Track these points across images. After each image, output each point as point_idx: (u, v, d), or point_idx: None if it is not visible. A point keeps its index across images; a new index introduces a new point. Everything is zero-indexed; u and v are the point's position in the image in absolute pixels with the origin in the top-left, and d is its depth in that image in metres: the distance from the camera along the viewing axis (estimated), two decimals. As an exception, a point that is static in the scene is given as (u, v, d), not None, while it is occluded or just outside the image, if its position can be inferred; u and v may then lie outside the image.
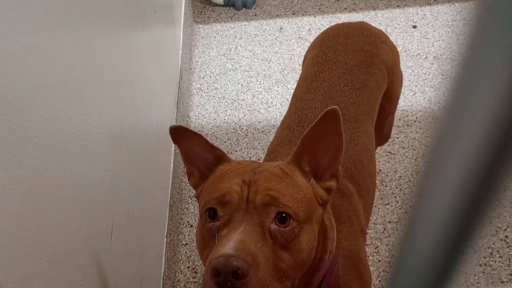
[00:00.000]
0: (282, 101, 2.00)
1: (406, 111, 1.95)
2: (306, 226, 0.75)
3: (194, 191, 0.88)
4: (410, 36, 2.24)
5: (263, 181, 0.75)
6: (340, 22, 1.67)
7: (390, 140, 1.84)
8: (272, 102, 2.00)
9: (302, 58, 1.43)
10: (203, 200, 0.79)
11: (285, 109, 1.95)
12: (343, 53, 1.19)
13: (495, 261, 1.51)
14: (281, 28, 2.33)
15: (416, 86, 2.04)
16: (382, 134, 1.45)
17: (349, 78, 1.14)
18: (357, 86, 1.14)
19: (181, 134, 0.85)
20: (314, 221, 0.78)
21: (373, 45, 1.22)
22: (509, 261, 1.51)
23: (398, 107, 1.94)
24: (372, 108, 1.17)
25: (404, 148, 1.83)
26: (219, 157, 0.84)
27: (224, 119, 1.96)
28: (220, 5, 2.45)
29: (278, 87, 2.06)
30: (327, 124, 0.77)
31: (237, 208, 0.72)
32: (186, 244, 1.61)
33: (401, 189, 1.71)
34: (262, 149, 1.85)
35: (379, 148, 1.82)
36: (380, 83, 1.20)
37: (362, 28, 1.27)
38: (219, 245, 0.69)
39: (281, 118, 1.95)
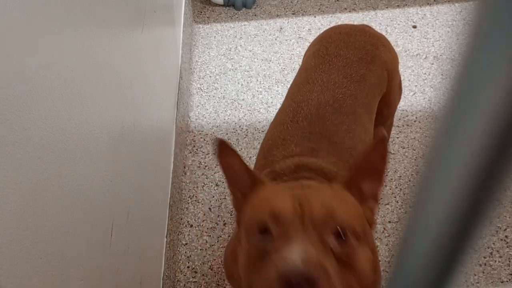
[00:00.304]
0: (282, 101, 2.00)
1: (406, 111, 1.95)
2: (362, 244, 0.73)
3: (194, 191, 0.88)
4: (410, 36, 2.24)
5: (316, 197, 0.73)
6: (340, 22, 1.67)
7: (390, 140, 1.84)
8: (272, 102, 2.00)
9: (302, 58, 1.43)
10: (250, 217, 0.77)
11: (285, 109, 1.94)
12: (344, 49, 1.20)
13: (495, 261, 1.51)
14: (281, 28, 2.33)
15: (416, 86, 2.04)
16: None
17: (348, 71, 1.15)
18: (356, 79, 1.14)
19: (224, 149, 0.82)
20: (368, 242, 0.76)
21: (374, 46, 1.23)
22: (509, 261, 1.51)
23: (398, 107, 1.94)
24: (370, 102, 1.18)
25: (404, 148, 1.83)
26: (256, 179, 0.82)
27: (224, 119, 1.96)
28: (220, 5, 2.45)
29: (278, 87, 2.06)
30: (377, 151, 0.78)
31: (292, 223, 0.69)
32: (186, 244, 1.61)
33: (401, 189, 1.71)
34: (262, 149, 1.85)
35: (379, 148, 1.82)
36: (380, 80, 1.20)
37: (365, 30, 1.28)
38: (281, 257, 0.65)
39: (281, 118, 1.95)
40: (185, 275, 1.54)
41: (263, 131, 1.90)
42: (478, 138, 0.22)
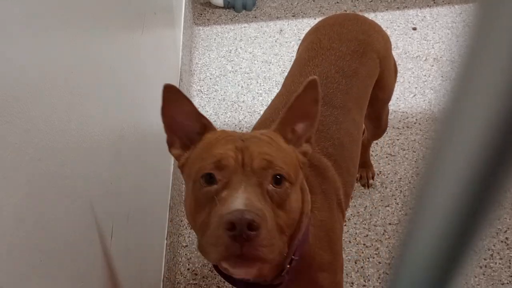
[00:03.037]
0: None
1: (406, 113, 1.95)
2: (295, 187, 0.81)
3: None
4: (410, 38, 2.24)
5: (256, 146, 0.79)
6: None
7: (390, 141, 1.84)
8: (272, 104, 2.01)
9: (297, 48, 1.44)
10: (194, 166, 0.81)
11: (285, 111, 1.94)
12: (337, 41, 1.21)
13: (496, 263, 1.51)
14: (281, 30, 2.33)
15: (416, 88, 2.04)
16: (380, 125, 1.48)
17: (341, 65, 1.17)
18: (348, 74, 1.16)
19: (173, 95, 0.87)
20: (299, 183, 0.84)
21: (366, 34, 1.24)
22: (510, 263, 1.51)
23: (398, 108, 1.95)
24: (362, 96, 1.20)
25: (404, 150, 1.83)
26: (205, 126, 0.87)
27: (224, 121, 1.96)
28: (220, 7, 2.45)
29: (278, 89, 2.06)
30: (308, 93, 0.83)
31: (234, 171, 0.76)
32: (186, 246, 1.61)
33: (401, 191, 1.71)
34: (262, 151, 1.85)
35: (379, 149, 1.82)
36: (372, 72, 1.23)
37: (357, 18, 1.30)
38: (225, 203, 0.72)
39: (281, 120, 1.95)
40: (185, 277, 1.54)
41: (263, 133, 1.90)
42: (478, 139, 0.22)
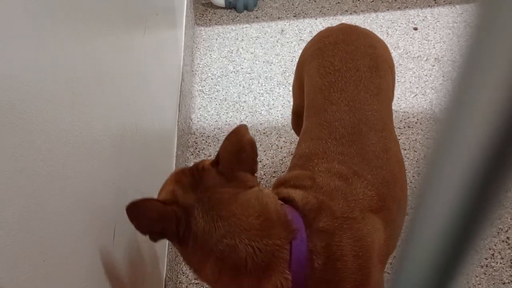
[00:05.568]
0: (284, 103, 2.00)
1: (407, 112, 1.95)
2: None
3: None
4: (411, 38, 2.24)
5: None
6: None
7: (391, 141, 1.84)
8: (273, 104, 2.01)
9: (297, 63, 1.43)
10: None
11: (286, 110, 1.95)
12: (350, 60, 1.16)
13: (497, 263, 1.51)
14: (282, 30, 2.33)
15: (417, 88, 2.04)
16: None
17: (365, 84, 1.12)
18: (375, 92, 1.11)
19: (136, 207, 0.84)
20: None
21: (373, 47, 1.21)
22: (511, 263, 1.51)
23: (399, 108, 1.95)
24: (391, 110, 1.16)
25: (405, 150, 1.83)
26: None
27: (226, 121, 1.96)
28: (221, 8, 2.45)
29: (279, 89, 2.06)
30: None
31: None
32: (188, 246, 1.61)
33: (402, 190, 1.71)
34: (264, 151, 1.85)
35: (380, 149, 1.82)
36: (389, 84, 1.19)
37: (353, 31, 1.25)
38: None
39: (283, 120, 1.96)
40: (187, 277, 1.54)
41: (264, 133, 1.90)
42: (479, 139, 0.22)
